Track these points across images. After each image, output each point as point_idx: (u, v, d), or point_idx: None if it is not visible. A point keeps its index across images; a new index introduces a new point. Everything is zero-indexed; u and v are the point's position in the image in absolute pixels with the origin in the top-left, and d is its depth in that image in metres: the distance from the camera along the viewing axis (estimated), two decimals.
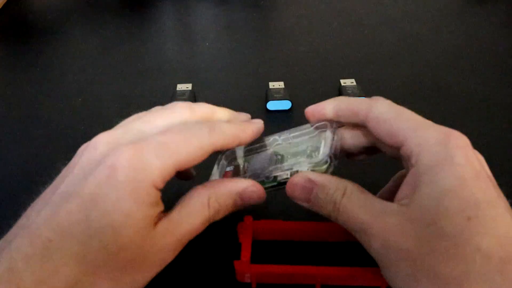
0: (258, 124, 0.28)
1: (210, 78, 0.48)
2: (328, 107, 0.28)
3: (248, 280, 0.29)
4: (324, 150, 0.27)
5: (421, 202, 0.22)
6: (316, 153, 0.27)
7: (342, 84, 0.44)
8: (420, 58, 0.51)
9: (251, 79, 0.48)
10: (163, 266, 0.25)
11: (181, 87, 0.45)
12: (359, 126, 0.27)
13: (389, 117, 0.25)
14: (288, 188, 0.26)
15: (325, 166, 0.26)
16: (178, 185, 0.28)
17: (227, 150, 0.30)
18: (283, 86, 0.45)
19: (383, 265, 0.23)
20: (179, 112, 0.27)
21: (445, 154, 0.23)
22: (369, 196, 0.24)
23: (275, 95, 0.43)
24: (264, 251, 0.31)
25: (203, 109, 0.28)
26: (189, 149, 0.24)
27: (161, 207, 0.24)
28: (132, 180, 0.22)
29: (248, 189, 0.26)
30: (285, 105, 0.43)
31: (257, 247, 0.31)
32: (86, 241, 0.22)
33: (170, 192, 0.25)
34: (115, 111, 0.44)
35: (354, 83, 0.45)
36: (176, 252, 0.25)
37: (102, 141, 0.25)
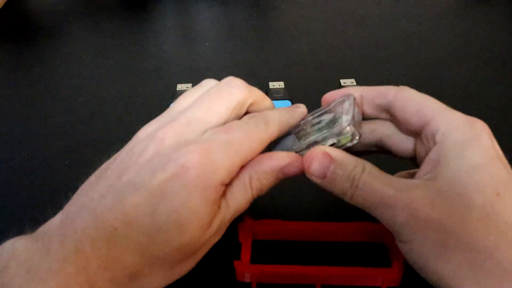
0: (302, 108, 0.29)
1: (210, 78, 0.48)
2: (352, 90, 0.28)
3: (248, 280, 0.29)
4: (345, 118, 0.26)
5: (450, 175, 0.23)
6: (338, 124, 0.26)
7: (342, 84, 0.44)
8: (420, 58, 0.51)
9: (251, 79, 0.47)
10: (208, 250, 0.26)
11: (181, 87, 0.45)
12: (369, 121, 0.28)
13: (418, 98, 0.26)
14: (305, 162, 0.25)
15: (349, 135, 0.26)
16: None
17: None
18: (283, 86, 0.45)
19: (407, 237, 0.23)
20: (236, 94, 0.27)
21: (473, 134, 0.23)
22: (388, 174, 0.24)
23: (275, 95, 0.43)
24: (264, 251, 0.31)
25: (257, 93, 0.29)
26: (251, 145, 0.25)
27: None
28: (202, 180, 0.23)
29: (290, 164, 0.26)
30: (285, 105, 0.43)
31: (257, 247, 0.31)
32: (152, 234, 0.23)
33: None
34: (115, 111, 0.44)
35: (354, 83, 0.45)
36: (221, 235, 0.26)
37: (169, 135, 0.25)
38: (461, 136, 0.24)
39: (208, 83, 0.29)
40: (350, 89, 0.28)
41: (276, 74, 0.48)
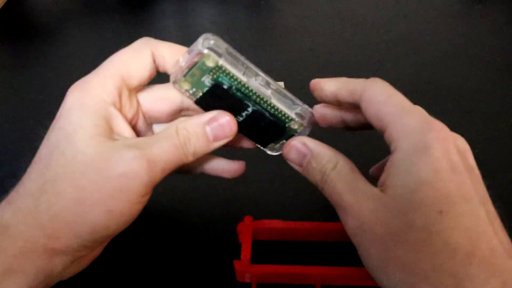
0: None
1: None
2: (329, 84, 0.28)
3: (248, 280, 0.29)
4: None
5: (396, 191, 0.23)
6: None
7: None
8: (420, 58, 0.51)
9: None
10: (137, 182, 0.24)
11: None
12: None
13: (379, 100, 0.25)
14: (285, 149, 0.27)
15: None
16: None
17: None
18: (283, 86, 0.45)
19: (357, 246, 0.24)
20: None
21: (423, 145, 0.23)
22: (357, 175, 0.25)
23: None
24: (264, 251, 0.31)
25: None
26: (123, 57, 0.27)
27: (122, 124, 0.26)
28: (77, 98, 0.25)
29: (213, 117, 0.26)
30: None
31: (257, 247, 0.31)
32: (48, 156, 0.24)
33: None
34: None
35: None
36: (147, 168, 0.24)
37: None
38: (411, 147, 0.23)
39: None
40: (328, 81, 0.28)
41: (276, 74, 0.48)
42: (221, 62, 0.25)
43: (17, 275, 0.22)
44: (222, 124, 0.26)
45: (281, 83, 0.45)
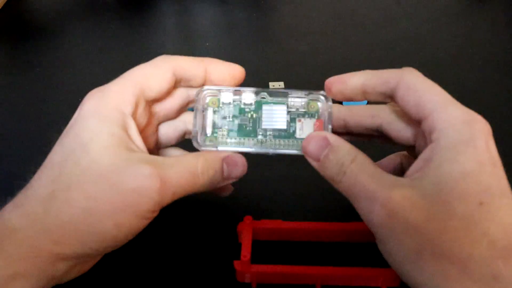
0: (234, 66, 0.30)
1: None
2: (355, 77, 0.27)
3: (248, 280, 0.29)
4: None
5: (439, 179, 0.22)
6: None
7: None
8: (420, 58, 0.51)
9: (251, 79, 0.47)
10: (146, 200, 0.24)
11: None
12: (369, 108, 0.28)
13: (420, 87, 0.25)
14: (304, 142, 0.26)
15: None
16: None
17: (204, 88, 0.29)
18: (283, 86, 0.45)
19: (383, 238, 0.23)
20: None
21: (469, 136, 0.23)
22: (379, 169, 0.24)
23: None
24: (264, 251, 0.31)
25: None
26: (144, 70, 0.27)
27: (136, 136, 0.26)
28: (95, 106, 0.25)
29: (231, 155, 0.27)
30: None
31: (257, 247, 0.31)
32: (62, 163, 0.24)
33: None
34: None
35: None
36: (159, 188, 0.24)
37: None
38: (457, 137, 0.23)
39: None
40: (354, 74, 0.27)
41: (276, 74, 0.48)
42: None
43: (22, 279, 0.22)
44: (237, 164, 0.27)
45: (281, 83, 0.45)
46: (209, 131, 0.28)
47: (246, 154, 0.28)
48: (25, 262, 0.23)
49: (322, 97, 0.28)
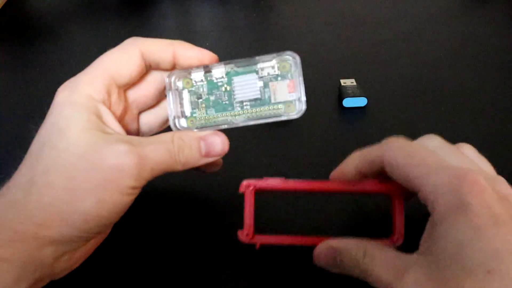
0: (202, 50, 0.29)
1: None
2: (349, 167, 0.27)
3: (253, 242, 0.28)
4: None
5: (438, 256, 0.21)
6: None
7: (342, 84, 0.44)
8: (420, 58, 0.51)
9: None
10: (125, 176, 0.24)
11: None
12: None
13: (401, 163, 0.24)
14: (314, 259, 0.27)
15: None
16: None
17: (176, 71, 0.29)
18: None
19: None
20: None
21: (459, 203, 0.21)
22: (389, 252, 0.24)
23: None
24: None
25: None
26: (112, 56, 0.27)
27: (112, 121, 0.26)
28: (68, 95, 0.26)
29: (208, 135, 0.27)
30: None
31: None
32: (39, 151, 0.25)
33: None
34: None
35: (354, 83, 0.45)
36: (136, 164, 0.24)
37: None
38: (447, 207, 0.22)
39: None
40: (347, 163, 0.28)
41: None
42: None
43: (6, 263, 0.22)
44: (216, 142, 0.27)
45: None
46: (187, 111, 0.28)
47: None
48: (9, 247, 0.23)
49: (290, 57, 0.28)
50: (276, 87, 0.28)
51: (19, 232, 0.23)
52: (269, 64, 0.28)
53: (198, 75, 0.28)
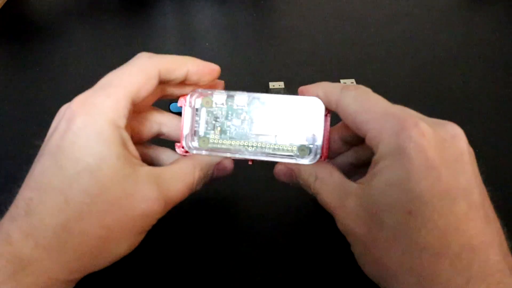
0: (211, 64, 0.29)
1: None
2: (313, 92, 0.28)
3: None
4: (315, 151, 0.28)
5: (372, 191, 0.23)
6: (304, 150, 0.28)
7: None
8: (420, 58, 0.51)
9: (251, 79, 0.47)
10: (151, 220, 0.25)
11: None
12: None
13: (353, 110, 0.25)
14: (275, 174, 0.29)
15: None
16: None
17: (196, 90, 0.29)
18: (283, 86, 0.45)
19: (349, 242, 0.25)
20: (139, 62, 0.27)
21: (396, 146, 0.23)
22: (336, 178, 0.26)
23: None
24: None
25: (168, 60, 0.28)
26: (132, 76, 0.26)
27: (133, 148, 0.26)
28: (90, 124, 0.24)
29: (223, 162, 0.29)
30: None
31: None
32: (66, 189, 0.23)
33: None
34: None
35: (354, 83, 0.45)
36: (163, 209, 0.25)
37: (64, 106, 0.26)
38: (386, 149, 0.23)
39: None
40: (314, 86, 0.28)
41: (276, 74, 0.48)
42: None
43: None
44: (226, 168, 0.29)
45: (281, 83, 0.45)
46: (202, 131, 0.28)
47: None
48: None
49: (314, 101, 0.27)
50: (295, 130, 0.28)
51: (53, 279, 0.23)
52: (291, 104, 0.28)
53: (220, 98, 0.28)
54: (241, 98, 0.28)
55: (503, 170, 0.37)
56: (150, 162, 0.30)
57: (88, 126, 0.24)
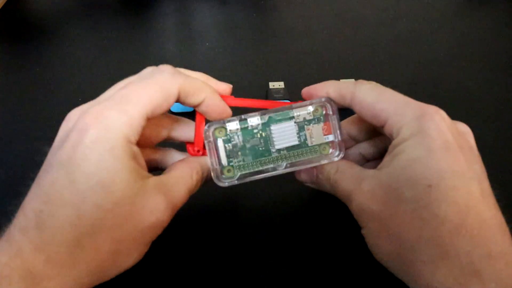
0: (226, 106, 0.29)
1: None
2: (321, 91, 0.29)
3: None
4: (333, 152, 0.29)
5: (392, 169, 0.24)
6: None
7: None
8: (420, 58, 0.51)
9: (251, 79, 0.47)
10: (159, 230, 0.25)
11: None
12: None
13: (371, 100, 0.26)
14: (296, 174, 0.30)
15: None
16: None
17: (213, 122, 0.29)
18: (283, 86, 0.44)
19: (361, 225, 0.26)
20: (158, 79, 0.26)
21: (419, 128, 0.24)
22: (355, 168, 0.27)
23: (275, 95, 0.43)
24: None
25: (189, 83, 0.27)
26: (151, 94, 0.25)
27: (142, 161, 0.26)
28: (104, 139, 0.23)
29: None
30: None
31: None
32: (78, 204, 0.23)
33: None
34: None
35: None
36: (170, 217, 0.25)
37: (74, 113, 0.26)
38: (408, 131, 0.24)
39: (145, 70, 0.28)
40: (321, 85, 0.29)
41: (276, 74, 0.48)
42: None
43: None
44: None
45: (281, 83, 0.45)
46: (224, 161, 0.28)
47: None
48: None
49: (325, 102, 0.28)
50: (312, 130, 0.28)
51: None
52: (305, 111, 0.28)
53: (233, 125, 0.28)
54: (254, 119, 0.28)
55: (503, 170, 0.37)
56: (156, 164, 0.30)
57: (102, 140, 0.23)
